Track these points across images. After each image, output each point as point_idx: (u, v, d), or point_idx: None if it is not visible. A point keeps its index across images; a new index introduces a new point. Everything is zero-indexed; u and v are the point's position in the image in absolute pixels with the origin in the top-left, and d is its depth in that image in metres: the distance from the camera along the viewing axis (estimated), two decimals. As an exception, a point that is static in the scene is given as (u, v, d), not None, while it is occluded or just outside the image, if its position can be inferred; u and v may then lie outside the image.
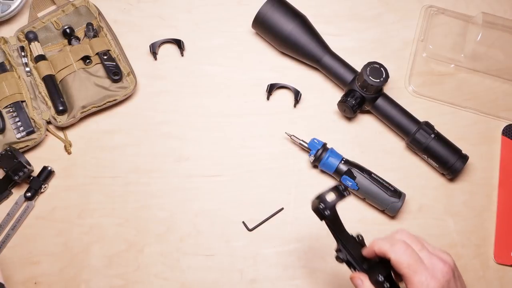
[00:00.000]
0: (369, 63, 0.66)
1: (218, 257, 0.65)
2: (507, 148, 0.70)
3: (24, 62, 0.71)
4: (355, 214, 0.67)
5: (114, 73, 0.70)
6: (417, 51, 0.74)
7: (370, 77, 0.65)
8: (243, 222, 0.66)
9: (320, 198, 0.49)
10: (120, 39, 0.73)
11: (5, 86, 0.69)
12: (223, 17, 0.77)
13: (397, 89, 0.73)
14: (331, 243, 0.66)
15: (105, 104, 0.69)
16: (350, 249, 0.50)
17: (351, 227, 0.68)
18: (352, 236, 0.51)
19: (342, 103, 0.68)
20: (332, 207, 0.49)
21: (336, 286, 0.64)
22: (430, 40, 0.75)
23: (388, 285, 0.47)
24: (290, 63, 0.74)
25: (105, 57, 0.71)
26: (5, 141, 0.67)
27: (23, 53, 0.71)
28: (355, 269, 0.50)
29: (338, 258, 0.51)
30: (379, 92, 0.68)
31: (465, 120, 0.72)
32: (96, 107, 0.69)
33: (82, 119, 0.70)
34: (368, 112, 0.71)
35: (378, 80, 0.65)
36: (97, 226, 0.66)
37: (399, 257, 0.46)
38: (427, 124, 0.67)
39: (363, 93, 0.67)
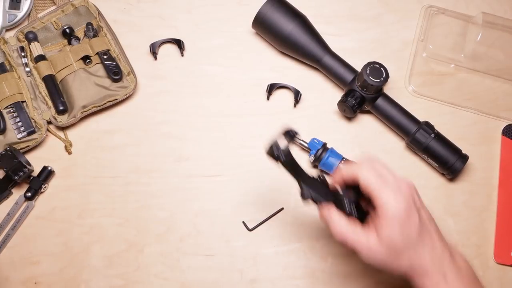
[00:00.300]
0: (369, 63, 0.66)
1: (218, 257, 0.65)
2: (507, 148, 0.70)
3: (24, 62, 0.71)
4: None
5: (114, 72, 0.70)
6: (417, 51, 0.74)
7: (370, 77, 0.65)
8: (243, 222, 0.66)
9: (275, 144, 0.50)
10: (120, 39, 0.73)
11: (5, 87, 0.69)
12: (223, 17, 0.77)
13: (397, 89, 0.73)
14: (332, 243, 0.66)
15: (105, 103, 0.69)
16: (313, 186, 0.51)
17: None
18: (313, 177, 0.53)
19: (342, 103, 0.67)
20: (287, 152, 0.50)
21: (336, 286, 0.64)
22: (430, 40, 0.75)
23: (356, 212, 0.50)
24: (290, 63, 0.74)
25: (105, 56, 0.71)
26: (6, 141, 0.67)
27: (23, 53, 0.71)
28: (320, 202, 0.51)
29: (302, 196, 0.52)
30: (379, 92, 0.67)
31: (465, 120, 0.72)
32: (97, 106, 0.69)
33: (82, 119, 0.70)
34: (368, 112, 0.71)
35: (378, 80, 0.65)
36: (97, 226, 0.66)
37: (367, 176, 0.48)
38: (427, 124, 0.67)
39: (363, 93, 0.67)
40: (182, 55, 0.74)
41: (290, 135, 0.51)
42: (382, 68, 0.66)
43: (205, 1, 0.77)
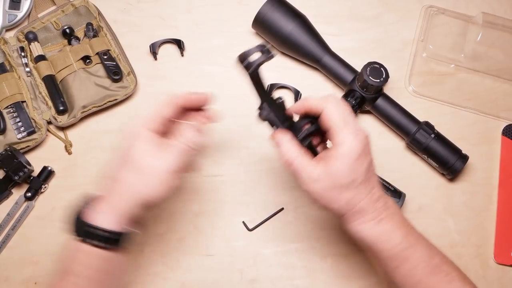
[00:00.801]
0: (369, 63, 0.66)
1: (218, 257, 0.65)
2: (507, 148, 0.70)
3: (24, 62, 0.71)
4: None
5: (114, 72, 0.70)
6: (417, 51, 0.74)
7: (370, 77, 0.65)
8: (243, 222, 0.66)
9: (245, 54, 0.48)
10: (120, 39, 0.73)
11: (5, 87, 0.69)
12: (223, 17, 0.77)
13: (397, 89, 0.73)
14: (332, 243, 0.66)
15: (105, 103, 0.69)
16: (274, 109, 0.51)
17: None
18: (273, 98, 0.52)
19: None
20: (256, 66, 0.48)
21: (336, 286, 0.64)
22: (430, 40, 0.75)
23: (308, 143, 0.51)
24: (290, 63, 0.74)
25: (105, 56, 0.71)
26: (6, 141, 0.67)
27: (23, 54, 0.71)
28: (277, 127, 0.51)
29: (260, 115, 0.51)
30: (379, 92, 0.68)
31: (465, 120, 0.72)
32: (97, 107, 0.69)
33: (82, 119, 0.70)
34: (368, 112, 0.71)
35: (378, 80, 0.65)
36: (97, 226, 0.66)
37: (333, 112, 0.48)
38: (427, 124, 0.67)
39: (363, 93, 0.67)
40: (182, 55, 0.74)
41: (265, 50, 0.48)
42: (382, 68, 0.66)
43: (205, 1, 0.77)
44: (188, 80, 0.73)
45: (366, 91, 0.67)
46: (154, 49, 0.73)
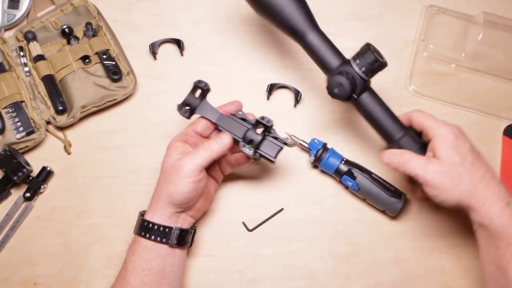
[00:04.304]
0: (368, 44, 0.58)
1: (218, 258, 0.65)
2: (508, 148, 0.70)
3: (23, 62, 0.71)
4: (355, 215, 0.66)
5: (114, 72, 0.70)
6: (418, 50, 0.74)
7: (375, 54, 0.56)
8: (243, 223, 0.66)
9: (185, 102, 0.60)
10: (120, 38, 0.73)
11: (4, 87, 0.68)
12: (223, 17, 0.76)
13: (397, 89, 0.72)
14: (332, 243, 0.66)
15: (104, 103, 0.69)
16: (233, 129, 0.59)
17: (352, 227, 0.68)
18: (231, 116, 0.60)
19: (333, 80, 0.57)
20: (200, 102, 0.60)
21: (336, 287, 0.64)
22: (431, 40, 0.74)
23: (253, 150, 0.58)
24: (290, 63, 0.74)
25: (105, 56, 0.70)
26: (5, 141, 0.67)
27: (21, 53, 0.71)
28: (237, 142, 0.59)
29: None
30: (367, 86, 0.60)
31: (466, 120, 0.72)
32: (96, 106, 0.69)
33: (81, 119, 0.70)
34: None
35: (382, 60, 0.57)
36: (97, 227, 0.66)
37: (419, 114, 0.58)
38: (414, 131, 0.60)
39: (360, 75, 0.57)
40: (182, 55, 0.74)
41: (200, 86, 0.59)
42: (377, 52, 0.58)
43: (205, 1, 0.77)
44: (188, 80, 0.72)
45: (364, 72, 0.57)
46: (153, 49, 0.73)
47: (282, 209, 0.67)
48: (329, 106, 0.71)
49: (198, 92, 0.60)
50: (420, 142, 0.59)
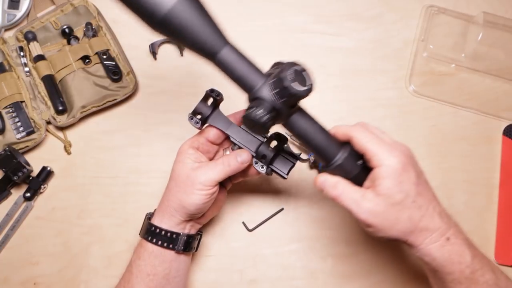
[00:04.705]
0: (289, 64, 0.48)
1: (218, 258, 0.65)
2: (508, 148, 0.70)
3: (23, 62, 0.71)
4: (355, 215, 0.67)
5: (114, 72, 0.70)
6: (418, 51, 0.74)
7: (295, 83, 0.46)
8: (243, 223, 0.66)
9: (196, 110, 0.57)
10: (120, 38, 0.73)
11: (4, 87, 0.69)
12: (223, 17, 0.76)
13: (397, 89, 0.72)
14: (332, 243, 0.66)
15: (105, 103, 0.69)
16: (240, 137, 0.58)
17: (351, 227, 0.68)
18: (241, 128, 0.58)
19: (248, 119, 0.48)
20: (211, 111, 0.57)
21: (336, 287, 0.64)
22: (430, 40, 0.74)
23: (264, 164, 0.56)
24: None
25: (105, 56, 0.70)
26: (5, 141, 0.67)
27: (22, 53, 0.71)
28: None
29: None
30: (294, 105, 0.50)
31: (466, 120, 0.72)
32: (96, 106, 0.69)
33: (81, 119, 0.70)
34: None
35: (304, 88, 0.47)
36: (97, 227, 0.66)
37: (362, 136, 0.48)
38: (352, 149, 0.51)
39: (279, 105, 0.47)
40: (182, 55, 0.74)
41: (210, 95, 0.57)
42: (304, 73, 0.48)
43: (204, 0, 0.77)
44: (188, 80, 0.73)
45: (283, 102, 0.47)
46: (153, 49, 0.73)
47: (282, 209, 0.67)
48: (329, 106, 0.71)
49: (210, 101, 0.57)
50: (360, 163, 0.50)
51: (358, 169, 0.50)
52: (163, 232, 0.55)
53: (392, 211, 0.47)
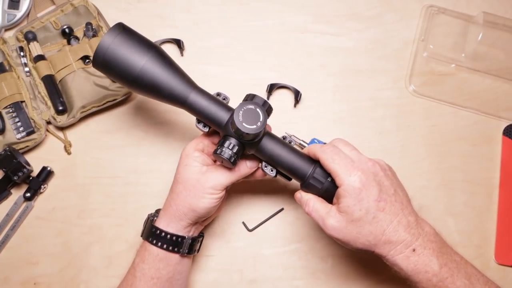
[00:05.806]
0: (242, 104, 0.52)
1: (218, 258, 0.65)
2: (508, 148, 0.70)
3: (23, 62, 0.71)
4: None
5: (114, 73, 0.70)
6: (418, 51, 0.74)
7: (243, 123, 0.51)
8: (243, 223, 0.66)
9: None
10: (120, 39, 0.73)
11: (4, 87, 0.69)
12: (223, 17, 0.76)
13: (397, 89, 0.72)
14: (332, 243, 0.66)
15: (105, 103, 0.69)
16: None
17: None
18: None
19: (217, 155, 0.53)
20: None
21: (336, 287, 0.64)
22: (430, 40, 0.74)
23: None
24: (290, 63, 0.74)
25: (105, 57, 0.70)
26: (5, 141, 0.67)
27: (22, 53, 0.71)
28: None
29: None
30: (259, 135, 0.54)
31: (466, 120, 0.72)
32: (96, 106, 0.69)
33: (82, 119, 0.70)
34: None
35: (254, 126, 0.51)
36: (97, 227, 0.66)
37: (327, 156, 0.52)
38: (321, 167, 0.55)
39: (240, 140, 0.53)
40: (182, 55, 0.74)
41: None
42: (258, 109, 0.52)
43: (205, 1, 0.77)
44: (188, 80, 0.73)
45: (242, 138, 0.53)
46: (153, 49, 0.73)
47: (282, 209, 0.67)
48: (329, 106, 0.72)
49: None
50: (330, 180, 0.54)
51: (327, 186, 0.54)
52: (168, 236, 0.55)
53: (353, 227, 0.50)
